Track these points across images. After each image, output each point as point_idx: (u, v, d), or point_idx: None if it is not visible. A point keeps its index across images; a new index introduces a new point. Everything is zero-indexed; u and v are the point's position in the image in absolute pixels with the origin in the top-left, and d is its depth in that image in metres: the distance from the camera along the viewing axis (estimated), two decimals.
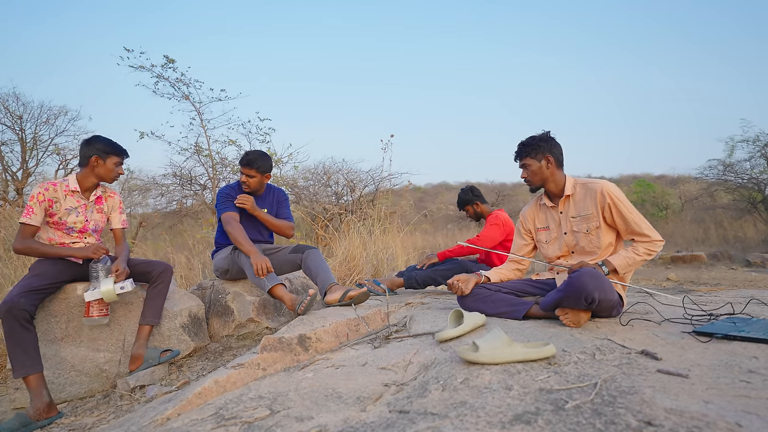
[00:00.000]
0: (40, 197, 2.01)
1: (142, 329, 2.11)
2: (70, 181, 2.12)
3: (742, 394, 0.99)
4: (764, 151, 8.99)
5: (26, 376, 1.76)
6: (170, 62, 5.48)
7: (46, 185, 2.06)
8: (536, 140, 1.98)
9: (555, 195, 2.03)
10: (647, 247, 1.83)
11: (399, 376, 1.33)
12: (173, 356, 2.12)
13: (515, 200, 15.96)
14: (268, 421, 1.07)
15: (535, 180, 2.00)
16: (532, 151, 1.97)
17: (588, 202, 1.92)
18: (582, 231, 1.93)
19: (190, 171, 6.43)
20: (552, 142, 1.99)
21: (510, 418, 0.92)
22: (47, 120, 8.27)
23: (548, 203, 2.05)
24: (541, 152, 1.96)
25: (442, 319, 1.97)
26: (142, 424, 1.19)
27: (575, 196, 1.97)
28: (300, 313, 2.10)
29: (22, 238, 1.98)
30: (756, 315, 1.79)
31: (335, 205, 6.58)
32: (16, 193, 7.64)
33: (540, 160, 1.97)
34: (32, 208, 1.99)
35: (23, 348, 1.78)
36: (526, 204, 2.23)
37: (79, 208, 2.13)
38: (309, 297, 2.10)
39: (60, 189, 2.08)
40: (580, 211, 1.94)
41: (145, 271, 2.19)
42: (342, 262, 3.99)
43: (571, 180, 2.00)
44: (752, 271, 5.62)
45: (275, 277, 2.28)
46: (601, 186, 1.90)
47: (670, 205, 13.04)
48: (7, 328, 1.77)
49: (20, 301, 1.79)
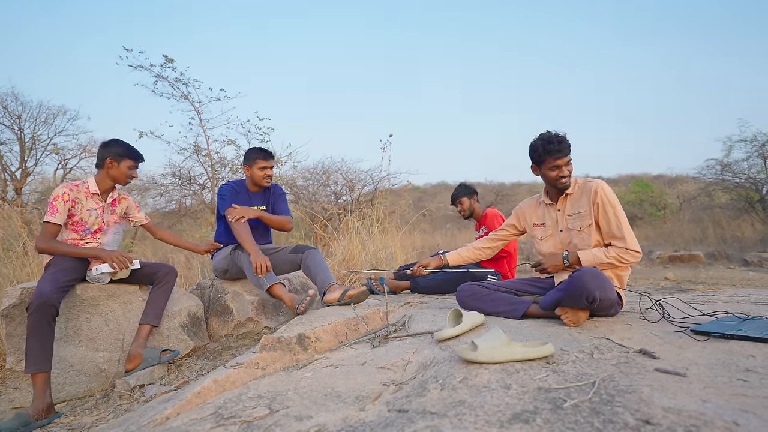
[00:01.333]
0: (66, 197, 2.04)
1: (142, 329, 2.12)
2: (89, 183, 2.16)
3: (739, 392, 0.99)
4: (762, 150, 9.02)
5: (37, 372, 1.77)
6: (169, 62, 5.47)
7: (69, 185, 2.09)
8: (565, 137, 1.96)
9: (555, 193, 2.03)
10: (619, 252, 1.82)
11: (398, 375, 1.33)
12: (173, 357, 2.12)
13: (513, 200, 15.98)
14: (267, 420, 1.07)
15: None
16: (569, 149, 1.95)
17: (583, 200, 1.93)
18: (575, 228, 1.94)
19: (189, 170, 6.43)
20: None
21: (508, 417, 0.93)
22: (46, 119, 8.26)
23: (547, 201, 2.06)
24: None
25: (441, 319, 1.98)
26: (142, 424, 1.19)
27: (573, 195, 1.98)
28: (300, 312, 2.10)
29: (46, 238, 2.00)
30: (753, 314, 1.80)
31: (334, 205, 6.58)
32: (15, 193, 7.63)
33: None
34: (56, 207, 2.01)
35: (42, 344, 1.79)
36: (526, 199, 2.24)
37: (98, 210, 2.17)
38: (309, 297, 2.11)
39: (81, 190, 2.12)
40: (576, 209, 1.95)
41: (151, 273, 2.23)
42: (341, 261, 3.99)
43: (572, 179, 2.01)
44: (750, 271, 5.64)
45: (274, 276, 2.28)
46: (596, 184, 1.91)
47: (667, 204, 13.06)
48: (33, 322, 1.77)
49: (53, 296, 1.81)
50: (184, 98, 5.71)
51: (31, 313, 1.78)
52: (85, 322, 2.10)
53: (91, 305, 2.13)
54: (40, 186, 8.65)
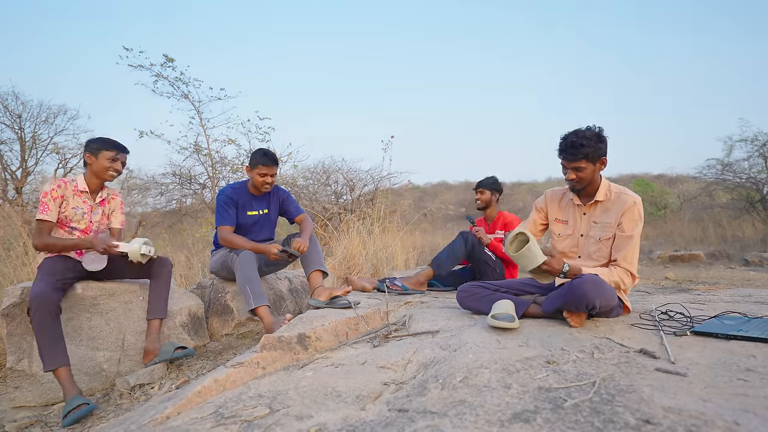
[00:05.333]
0: (54, 194, 2.04)
1: (153, 324, 2.12)
2: (78, 181, 2.15)
3: (740, 392, 0.99)
4: (762, 150, 9.01)
5: (57, 368, 1.78)
6: (169, 61, 5.48)
7: (57, 182, 2.08)
8: (595, 141, 1.77)
9: (585, 194, 1.91)
10: (621, 275, 1.77)
11: (398, 374, 1.33)
12: (186, 354, 2.08)
13: (514, 200, 15.98)
14: (267, 419, 1.07)
15: (584, 183, 1.83)
16: (592, 153, 1.77)
17: (614, 212, 1.83)
18: (595, 238, 1.88)
19: (189, 170, 6.43)
20: (607, 143, 1.81)
21: (509, 417, 0.93)
22: (46, 119, 8.26)
23: (576, 201, 1.94)
24: (599, 154, 1.79)
25: (442, 318, 1.97)
26: (142, 423, 1.19)
27: (606, 203, 1.87)
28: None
29: (40, 235, 2.00)
30: (754, 314, 1.79)
31: (335, 205, 6.59)
32: (16, 192, 7.63)
33: (596, 164, 1.80)
34: (47, 204, 2.02)
35: (55, 340, 1.80)
36: (553, 189, 2.09)
37: (85, 209, 2.15)
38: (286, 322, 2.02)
39: (69, 187, 2.10)
40: (604, 218, 1.86)
41: (146, 267, 2.21)
42: (341, 261, 3.98)
43: (605, 184, 1.88)
44: (750, 270, 5.64)
45: (263, 296, 2.24)
46: (632, 199, 1.81)
47: (668, 204, 13.04)
48: (38, 320, 1.79)
49: (49, 293, 1.83)
50: (185, 97, 5.72)
51: (33, 314, 1.78)
52: (85, 322, 2.10)
53: (92, 305, 2.13)
54: (40, 186, 8.65)
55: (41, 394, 1.97)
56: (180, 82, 5.62)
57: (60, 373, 1.78)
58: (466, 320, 1.88)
